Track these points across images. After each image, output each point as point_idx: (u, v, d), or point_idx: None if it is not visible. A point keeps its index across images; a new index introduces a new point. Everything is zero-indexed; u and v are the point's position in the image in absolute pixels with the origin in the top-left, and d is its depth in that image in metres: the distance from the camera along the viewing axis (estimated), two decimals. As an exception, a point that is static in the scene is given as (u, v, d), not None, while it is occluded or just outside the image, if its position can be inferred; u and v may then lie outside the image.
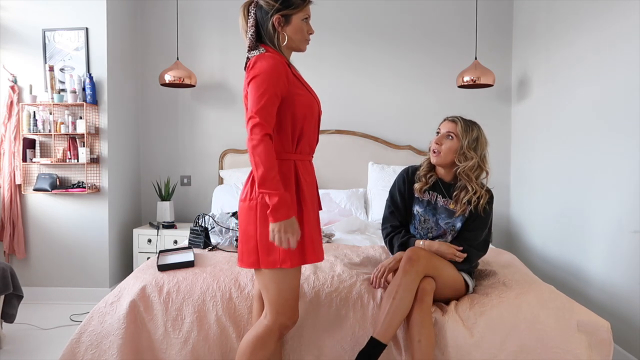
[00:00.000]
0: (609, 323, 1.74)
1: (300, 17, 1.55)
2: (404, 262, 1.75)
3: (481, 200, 1.88)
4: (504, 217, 3.87)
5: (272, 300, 1.53)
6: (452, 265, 1.89)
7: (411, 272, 1.71)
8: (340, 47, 3.86)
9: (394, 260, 1.88)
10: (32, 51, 3.42)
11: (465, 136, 1.87)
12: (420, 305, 1.70)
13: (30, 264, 3.46)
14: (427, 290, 1.73)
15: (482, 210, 1.91)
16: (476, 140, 1.89)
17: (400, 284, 1.70)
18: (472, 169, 1.87)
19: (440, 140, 1.92)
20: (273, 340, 1.56)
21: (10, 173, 3.36)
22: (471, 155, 1.87)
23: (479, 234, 1.93)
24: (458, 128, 1.89)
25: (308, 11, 1.58)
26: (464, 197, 1.89)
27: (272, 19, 1.53)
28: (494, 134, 3.85)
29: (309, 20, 1.59)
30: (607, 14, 2.51)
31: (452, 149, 1.89)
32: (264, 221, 1.47)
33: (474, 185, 1.88)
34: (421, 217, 1.98)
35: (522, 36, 3.64)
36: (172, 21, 3.86)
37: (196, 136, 3.96)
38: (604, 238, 2.54)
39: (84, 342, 1.84)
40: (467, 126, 1.89)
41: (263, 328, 1.55)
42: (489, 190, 1.95)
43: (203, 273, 2.00)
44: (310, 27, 1.60)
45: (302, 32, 1.57)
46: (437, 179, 1.98)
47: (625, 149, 2.35)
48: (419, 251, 1.79)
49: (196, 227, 2.55)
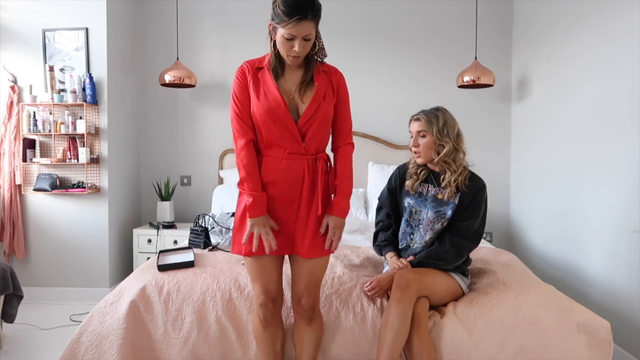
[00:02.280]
0: (609, 323, 1.74)
1: (281, 33, 1.51)
2: (394, 290, 1.75)
3: (460, 177, 1.89)
4: (504, 217, 3.87)
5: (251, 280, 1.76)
6: (442, 274, 1.88)
7: (403, 300, 1.71)
8: (341, 47, 3.85)
9: (389, 278, 1.87)
10: (32, 51, 3.42)
11: (432, 128, 1.90)
12: (417, 329, 1.71)
13: (30, 264, 3.46)
14: (422, 314, 1.74)
15: (471, 197, 1.90)
16: (445, 125, 1.91)
17: (394, 313, 1.69)
18: (448, 154, 1.90)
19: (415, 142, 1.96)
20: (258, 318, 1.73)
21: (10, 173, 3.36)
22: (445, 142, 1.90)
23: (472, 224, 1.92)
24: (424, 124, 1.92)
25: (294, 31, 1.48)
26: (447, 179, 1.91)
27: (269, 22, 1.56)
28: (494, 134, 3.86)
29: (295, 41, 1.51)
30: (606, 13, 2.51)
31: (428, 145, 1.92)
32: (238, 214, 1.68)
33: (453, 167, 1.90)
34: (412, 208, 1.99)
35: (522, 36, 3.64)
36: (172, 21, 3.86)
37: (196, 136, 3.96)
38: (603, 238, 2.54)
39: (84, 342, 1.84)
40: (431, 117, 1.92)
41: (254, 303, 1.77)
42: (477, 176, 1.95)
43: (203, 273, 2.00)
44: (291, 47, 1.52)
45: (284, 48, 1.55)
46: (429, 172, 2.00)
47: (625, 149, 2.35)
48: (406, 275, 1.79)
49: (196, 227, 2.55)
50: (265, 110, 1.58)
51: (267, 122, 1.59)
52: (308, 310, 1.70)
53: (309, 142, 1.63)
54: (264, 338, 1.73)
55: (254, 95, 1.61)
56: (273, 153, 1.63)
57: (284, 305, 1.84)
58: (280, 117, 1.58)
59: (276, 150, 1.63)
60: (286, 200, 1.64)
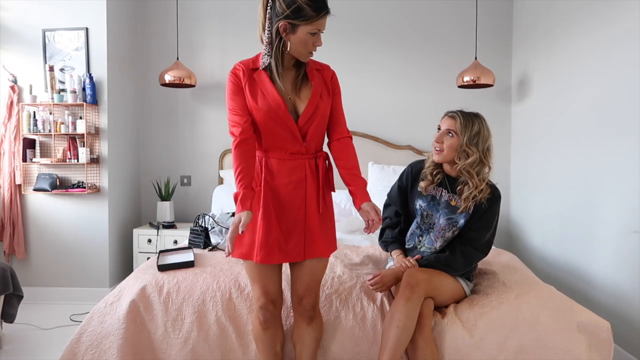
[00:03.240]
0: (609, 323, 1.73)
1: (307, 29, 1.50)
2: (403, 288, 1.72)
3: (481, 194, 1.83)
4: (504, 217, 3.86)
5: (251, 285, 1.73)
6: (448, 276, 1.87)
7: (412, 299, 1.68)
8: (341, 47, 3.85)
9: (393, 274, 1.85)
10: (32, 51, 3.42)
11: (465, 132, 1.81)
12: (422, 329, 1.69)
13: (30, 264, 3.46)
14: (427, 314, 1.72)
15: (485, 208, 1.85)
16: (477, 135, 1.82)
17: (402, 311, 1.66)
18: (473, 165, 1.82)
19: (440, 138, 1.86)
20: (258, 320, 1.72)
21: (10, 173, 3.35)
22: (472, 152, 1.81)
23: (483, 234, 1.88)
24: (457, 125, 1.83)
25: (320, 25, 1.52)
26: (466, 193, 1.84)
27: (278, 24, 1.50)
28: (494, 134, 3.80)
29: (320, 33, 1.54)
30: (607, 13, 2.51)
31: (452, 146, 1.83)
32: None
33: (476, 181, 1.82)
34: (424, 211, 1.94)
35: (522, 36, 3.64)
36: (172, 21, 3.86)
37: (196, 136, 3.96)
38: (604, 238, 2.54)
39: (84, 342, 1.84)
40: (467, 121, 1.83)
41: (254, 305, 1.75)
42: (495, 187, 1.89)
43: (203, 273, 2.00)
44: (318, 39, 1.55)
45: (306, 45, 1.54)
46: (444, 176, 1.93)
47: (625, 149, 2.35)
48: (417, 275, 1.76)
49: (196, 227, 2.55)
50: (265, 112, 1.57)
51: (268, 123, 1.58)
52: (309, 310, 1.70)
53: (309, 141, 1.63)
54: (263, 339, 1.72)
55: (250, 98, 1.58)
56: (275, 155, 1.62)
57: (284, 305, 1.84)
58: (281, 118, 1.57)
59: (277, 152, 1.62)
60: (294, 203, 1.62)
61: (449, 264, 1.86)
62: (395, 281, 1.84)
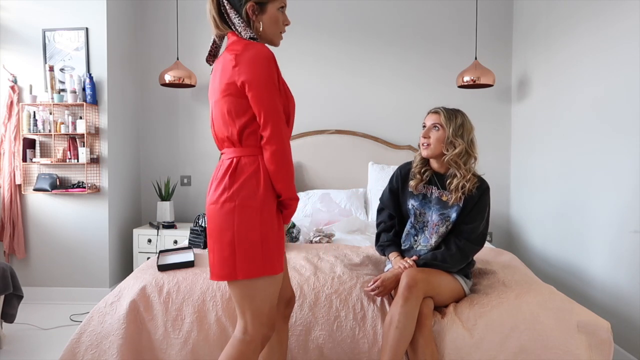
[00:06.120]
0: (609, 323, 1.73)
1: (276, 5, 1.43)
2: (402, 289, 1.73)
3: (469, 183, 1.88)
4: (504, 217, 3.87)
5: (256, 311, 1.39)
6: (447, 275, 1.88)
7: (411, 299, 1.70)
8: (341, 47, 3.86)
9: (394, 276, 1.86)
10: (32, 51, 3.42)
11: (450, 124, 1.89)
12: (422, 329, 1.70)
13: (30, 264, 3.46)
14: (427, 314, 1.73)
15: (475, 199, 1.89)
16: (462, 127, 1.90)
17: (402, 312, 1.68)
18: (460, 155, 1.89)
19: (427, 133, 1.94)
20: (257, 355, 1.41)
21: (10, 173, 3.36)
22: (458, 142, 1.89)
23: (477, 226, 1.91)
24: (442, 118, 1.91)
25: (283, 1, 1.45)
26: (454, 183, 1.89)
27: (245, 6, 1.41)
28: (494, 134, 3.86)
29: (285, 9, 1.47)
30: (607, 13, 2.51)
31: (439, 139, 1.91)
32: (248, 225, 1.35)
33: (463, 171, 1.89)
34: (417, 210, 1.98)
35: (522, 36, 3.64)
36: (172, 21, 3.86)
37: (196, 136, 3.96)
38: (604, 238, 2.54)
39: (84, 342, 1.84)
40: (450, 114, 1.91)
41: (245, 345, 1.39)
42: (481, 178, 1.93)
43: (203, 273, 2.00)
44: (285, 17, 1.48)
45: (278, 23, 1.45)
46: (432, 173, 1.99)
47: (625, 149, 2.35)
48: (415, 275, 1.77)
49: (196, 227, 2.55)
50: (294, 104, 1.48)
51: (292, 117, 1.47)
52: (291, 307, 1.68)
53: None
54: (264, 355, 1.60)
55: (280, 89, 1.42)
56: None
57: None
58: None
59: None
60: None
61: (445, 260, 1.88)
62: (396, 283, 1.84)
